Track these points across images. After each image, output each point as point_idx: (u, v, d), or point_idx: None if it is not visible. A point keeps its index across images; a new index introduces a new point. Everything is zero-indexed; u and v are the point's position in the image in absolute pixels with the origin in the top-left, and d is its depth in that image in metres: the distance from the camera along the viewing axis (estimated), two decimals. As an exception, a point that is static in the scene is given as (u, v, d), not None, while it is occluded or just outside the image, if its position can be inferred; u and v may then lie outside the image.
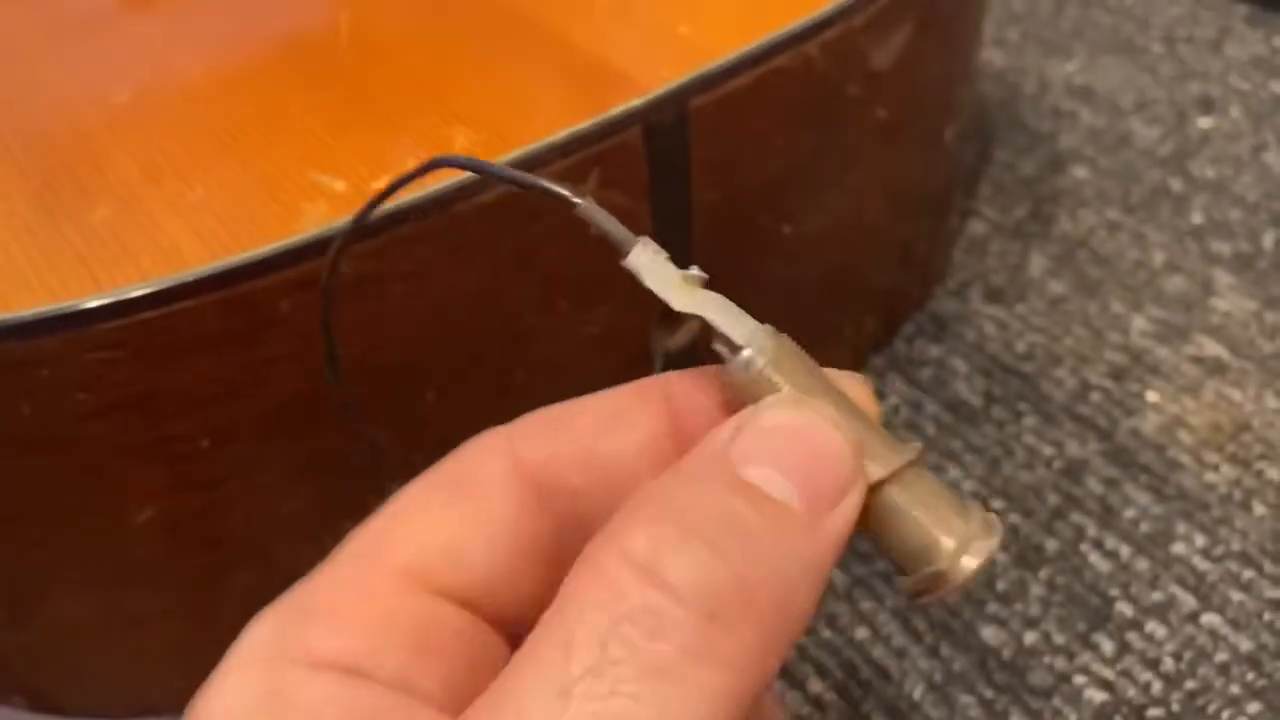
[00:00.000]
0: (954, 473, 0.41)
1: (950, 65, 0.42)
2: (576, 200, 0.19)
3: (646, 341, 0.35)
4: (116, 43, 0.36)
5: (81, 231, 0.28)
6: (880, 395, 0.44)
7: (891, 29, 0.36)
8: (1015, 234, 0.51)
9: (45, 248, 0.28)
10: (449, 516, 0.19)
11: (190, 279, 0.26)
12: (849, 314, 0.43)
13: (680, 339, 0.36)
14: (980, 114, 0.57)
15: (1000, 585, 0.38)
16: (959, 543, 0.18)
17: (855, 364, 0.45)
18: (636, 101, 0.31)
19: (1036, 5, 0.65)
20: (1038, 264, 0.49)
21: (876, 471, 0.19)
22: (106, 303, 0.26)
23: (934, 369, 0.45)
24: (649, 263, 0.19)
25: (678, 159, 0.32)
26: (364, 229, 0.28)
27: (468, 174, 0.29)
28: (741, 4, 0.34)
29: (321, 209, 0.28)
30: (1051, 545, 0.39)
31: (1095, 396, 0.44)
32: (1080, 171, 0.54)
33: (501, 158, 0.29)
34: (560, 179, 0.29)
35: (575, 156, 0.30)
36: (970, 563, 0.18)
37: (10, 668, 0.34)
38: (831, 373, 0.20)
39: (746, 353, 0.18)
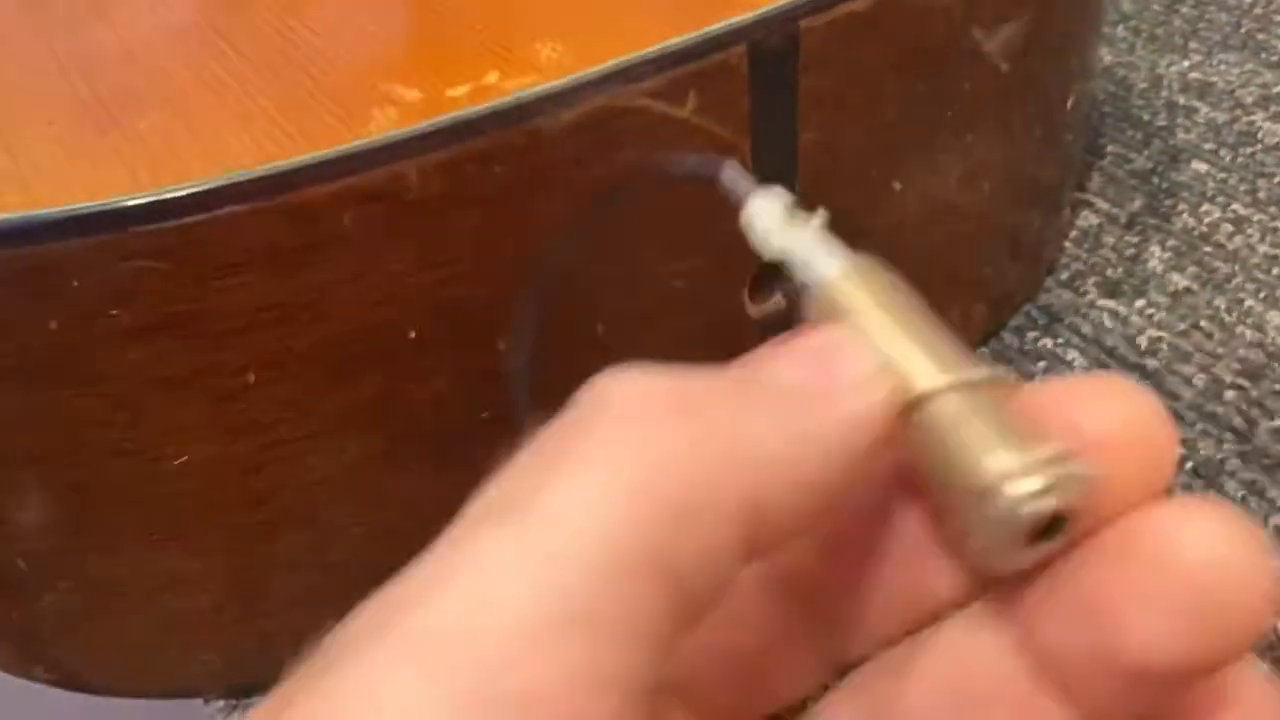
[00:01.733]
0: (1073, 471, 0.37)
1: (1076, 25, 0.38)
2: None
3: (733, 304, 0.32)
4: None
5: (128, 136, 0.26)
6: (987, 388, 0.40)
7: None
8: (1130, 227, 0.47)
9: (88, 150, 0.25)
10: None
11: (241, 180, 0.24)
12: (957, 298, 0.39)
13: (769, 307, 0.33)
14: (1089, 107, 0.53)
15: (1130, 593, 0.33)
16: (1012, 465, 0.14)
17: (960, 354, 0.41)
18: (743, 17, 0.27)
19: (1147, 4, 0.61)
20: (1157, 257, 0.45)
21: (926, 381, 0.16)
22: (145, 202, 0.23)
23: (1049, 362, 0.41)
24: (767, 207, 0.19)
25: (784, 87, 0.29)
26: (434, 139, 0.25)
27: (552, 82, 0.26)
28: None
29: (392, 116, 0.25)
30: (1187, 552, 0.34)
31: (1230, 395, 0.39)
32: (1200, 166, 0.50)
33: (588, 71, 0.26)
34: (654, 97, 0.27)
35: (671, 73, 0.27)
36: (1020, 489, 0.14)
37: (32, 636, 0.31)
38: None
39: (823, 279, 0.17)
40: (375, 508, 0.29)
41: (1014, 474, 0.15)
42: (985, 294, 0.41)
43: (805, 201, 0.32)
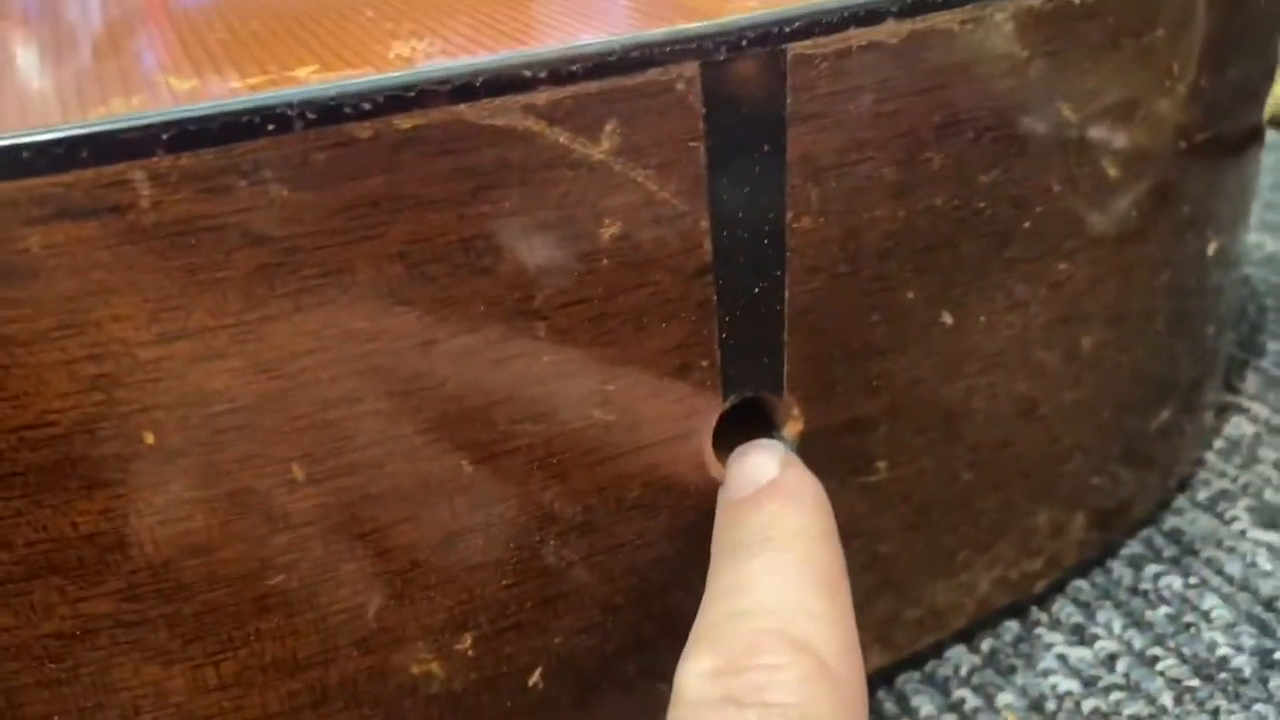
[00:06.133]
0: (1207, 772, 0.25)
1: (1210, 202, 0.28)
2: None
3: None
4: None
5: None
6: (1086, 638, 0.29)
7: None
8: (1300, 442, 0.35)
9: None
10: None
11: None
12: (1043, 500, 0.28)
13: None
14: (1245, 300, 0.43)
15: None
16: None
17: (1055, 584, 0.30)
18: (695, 25, 0.19)
19: (1319, 193, 0.51)
20: (1337, 483, 0.33)
21: None
22: None
23: (1175, 609, 0.29)
24: None
25: (762, 141, 0.20)
26: (180, 134, 0.16)
27: (388, 74, 0.17)
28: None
29: (134, 105, 0.17)
30: None
31: None
32: (1394, 376, 0.38)
33: (447, 63, 0.17)
34: (550, 121, 0.18)
35: (576, 88, 0.18)
36: None
37: None
38: None
39: None
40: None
41: None
42: (1085, 502, 0.30)
43: (800, 324, 0.23)
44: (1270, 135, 0.36)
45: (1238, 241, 0.32)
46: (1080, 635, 0.29)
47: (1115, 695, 0.27)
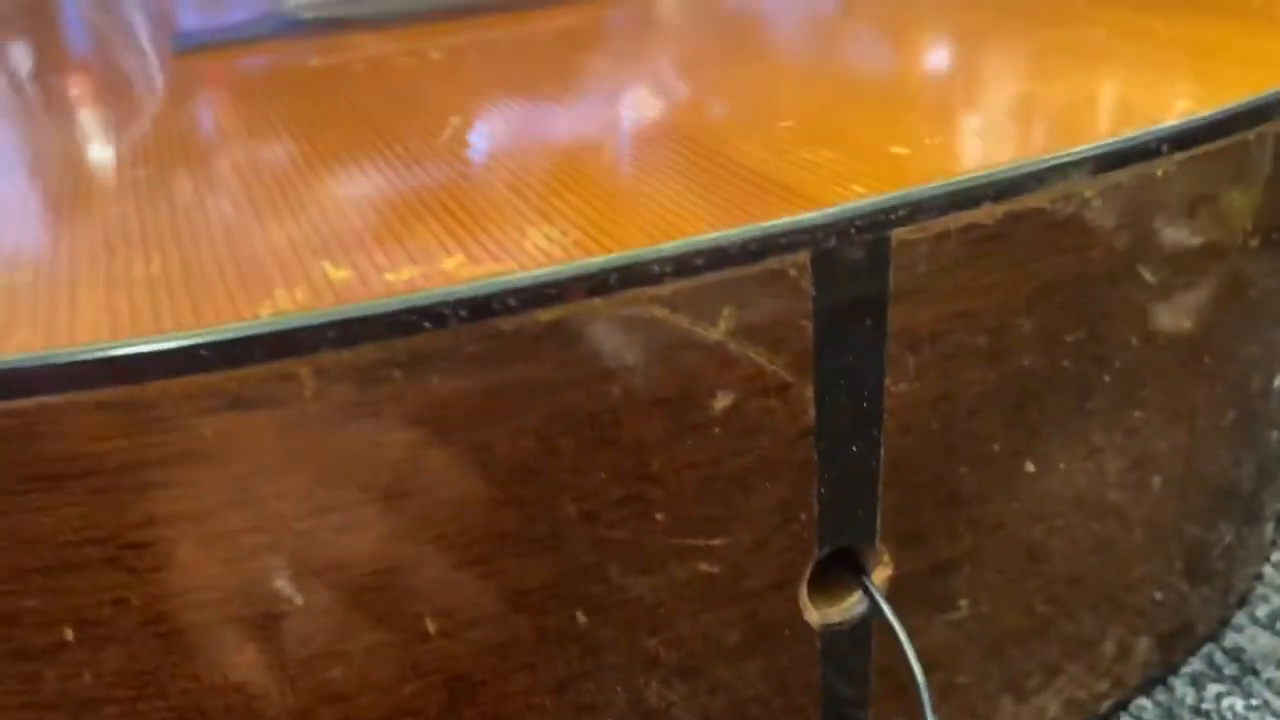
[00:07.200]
0: None
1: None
2: None
3: (782, 603, 0.23)
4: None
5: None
6: (1151, 757, 0.30)
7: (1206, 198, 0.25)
8: (1358, 558, 0.36)
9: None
10: None
11: (57, 361, 0.17)
12: (1113, 625, 0.29)
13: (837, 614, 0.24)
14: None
15: None
16: None
17: (1119, 703, 0.31)
18: (808, 215, 0.20)
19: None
20: (1396, 603, 0.34)
21: None
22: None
23: (1237, 731, 0.30)
24: None
25: (865, 317, 0.21)
26: (344, 331, 0.18)
27: (529, 271, 0.18)
28: (994, 124, 0.24)
29: (298, 298, 0.18)
30: None
31: None
32: None
33: (580, 262, 0.19)
34: (673, 308, 0.19)
35: (699, 279, 0.19)
36: None
37: None
38: None
39: None
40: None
41: None
42: (1151, 625, 0.31)
43: (893, 479, 0.24)
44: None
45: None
46: (1146, 757, 0.30)
47: (1183, 822, 0.28)
